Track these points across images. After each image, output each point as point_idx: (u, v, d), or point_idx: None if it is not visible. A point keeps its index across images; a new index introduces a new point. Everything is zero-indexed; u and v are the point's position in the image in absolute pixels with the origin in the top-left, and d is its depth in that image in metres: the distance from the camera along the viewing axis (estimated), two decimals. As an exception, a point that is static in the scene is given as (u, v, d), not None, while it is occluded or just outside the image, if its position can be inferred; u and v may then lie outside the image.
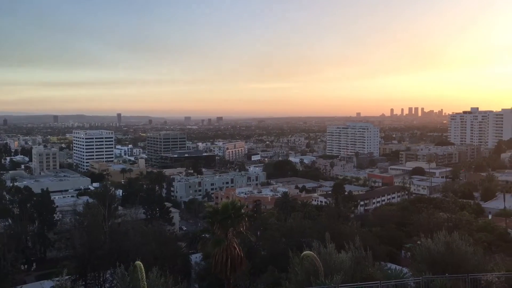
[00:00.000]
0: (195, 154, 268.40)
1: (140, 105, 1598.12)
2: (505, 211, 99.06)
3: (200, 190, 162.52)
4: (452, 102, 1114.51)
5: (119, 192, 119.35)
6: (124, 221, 67.92)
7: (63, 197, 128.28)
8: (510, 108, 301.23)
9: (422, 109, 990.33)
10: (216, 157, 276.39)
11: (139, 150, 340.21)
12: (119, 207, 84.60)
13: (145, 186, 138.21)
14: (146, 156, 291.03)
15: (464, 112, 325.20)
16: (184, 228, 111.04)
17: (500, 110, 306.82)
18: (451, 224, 54.85)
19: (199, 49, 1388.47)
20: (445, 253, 23.30)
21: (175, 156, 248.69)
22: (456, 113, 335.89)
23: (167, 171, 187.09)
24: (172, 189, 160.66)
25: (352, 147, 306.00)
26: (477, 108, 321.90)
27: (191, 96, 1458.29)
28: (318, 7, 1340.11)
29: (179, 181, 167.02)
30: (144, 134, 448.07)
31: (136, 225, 59.99)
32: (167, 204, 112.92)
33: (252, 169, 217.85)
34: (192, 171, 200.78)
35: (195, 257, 55.59)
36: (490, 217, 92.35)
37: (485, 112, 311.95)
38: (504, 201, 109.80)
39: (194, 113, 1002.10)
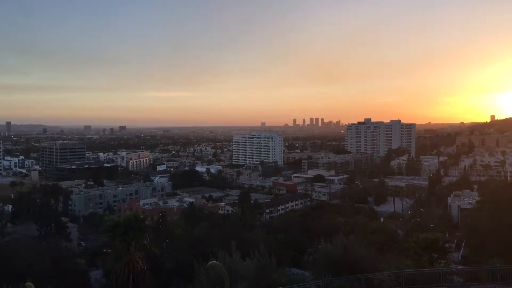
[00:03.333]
0: (96, 165, 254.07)
1: (32, 113, 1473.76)
2: (395, 214, 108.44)
3: (101, 203, 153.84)
4: (348, 113, 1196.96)
5: (8, 207, 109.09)
6: (14, 239, 61.88)
7: None
8: (397, 119, 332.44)
9: (322, 119, 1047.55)
10: (119, 168, 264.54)
11: (32, 161, 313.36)
12: (8, 224, 76.89)
13: (38, 200, 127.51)
14: (40, 168, 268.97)
15: (359, 123, 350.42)
16: (83, 244, 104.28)
17: (389, 121, 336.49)
18: (348, 228, 58.26)
19: (100, 56, 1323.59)
20: (343, 256, 24.76)
21: (73, 167, 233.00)
22: (352, 124, 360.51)
23: (64, 184, 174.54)
24: (70, 202, 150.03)
25: (257, 156, 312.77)
26: (370, 119, 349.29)
27: (92, 104, 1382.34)
28: (223, 18, 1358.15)
29: (78, 194, 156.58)
30: (37, 144, 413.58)
31: (28, 243, 54.92)
32: (64, 219, 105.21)
33: (157, 179, 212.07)
34: (92, 183, 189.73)
35: (95, 274, 52.34)
36: (382, 219, 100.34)
37: (377, 123, 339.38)
38: (394, 204, 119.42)
39: (95, 122, 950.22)
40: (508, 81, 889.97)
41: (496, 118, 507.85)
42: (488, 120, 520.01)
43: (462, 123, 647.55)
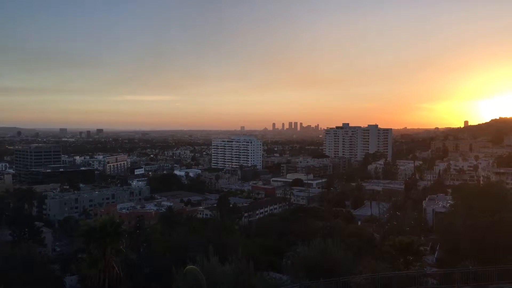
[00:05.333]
0: (72, 168, 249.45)
1: (6, 116, 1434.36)
2: (372, 217, 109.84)
3: (77, 207, 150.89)
4: (327, 118, 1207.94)
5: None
6: (-16, 245, 60.05)
7: None
8: (374, 124, 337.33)
9: (301, 124, 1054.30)
10: (96, 172, 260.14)
11: (5, 165, 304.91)
12: (-21, 230, 74.70)
13: (12, 204, 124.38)
14: (14, 172, 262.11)
15: (337, 127, 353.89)
16: (58, 249, 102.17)
17: (366, 126, 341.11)
18: (326, 231, 58.71)
19: (78, 57, 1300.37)
20: (320, 259, 24.96)
21: (48, 171, 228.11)
22: (330, 128, 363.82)
23: (38, 188, 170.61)
24: (44, 207, 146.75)
25: (236, 160, 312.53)
26: (348, 124, 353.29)
27: (68, 106, 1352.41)
28: (203, 22, 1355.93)
29: (53, 198, 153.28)
30: (11, 147, 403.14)
31: (1, 249, 53.50)
32: (38, 223, 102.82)
33: (135, 183, 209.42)
34: (68, 187, 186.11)
35: (70, 280, 51.36)
36: (359, 223, 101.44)
37: (354, 127, 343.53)
38: (371, 208, 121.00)
39: (71, 124, 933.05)
40: (481, 88, 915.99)
41: (470, 123, 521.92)
42: (462, 125, 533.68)
43: (437, 128, 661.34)
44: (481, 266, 28.47)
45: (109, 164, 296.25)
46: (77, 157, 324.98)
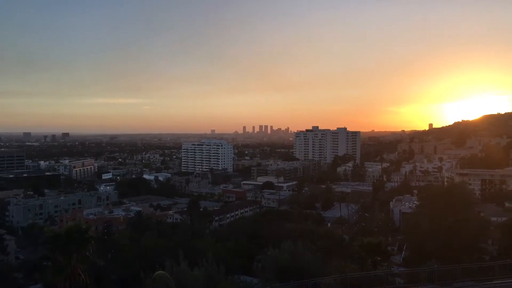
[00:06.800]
0: (36, 173, 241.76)
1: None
2: (341, 219, 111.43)
3: (41, 214, 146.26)
4: (297, 121, 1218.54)
5: None
6: None
7: None
8: (343, 127, 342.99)
9: (271, 127, 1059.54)
10: (62, 177, 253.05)
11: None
12: None
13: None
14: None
15: (307, 130, 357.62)
16: (22, 257, 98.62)
17: (336, 129, 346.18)
18: (296, 234, 59.13)
19: (43, 59, 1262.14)
20: (291, 262, 25.11)
21: (11, 176, 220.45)
22: (300, 131, 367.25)
23: (0, 194, 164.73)
24: (7, 213, 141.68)
25: (207, 163, 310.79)
26: (318, 127, 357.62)
27: (32, 110, 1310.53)
28: (173, 25, 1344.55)
29: (16, 204, 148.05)
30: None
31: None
32: (0, 231, 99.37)
33: (102, 188, 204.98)
34: (32, 193, 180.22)
35: (35, 289, 49.71)
36: (329, 225, 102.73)
37: (324, 130, 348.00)
38: (340, 210, 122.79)
39: (36, 128, 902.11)
40: (445, 92, 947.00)
41: (434, 126, 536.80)
42: (427, 128, 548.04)
43: (403, 131, 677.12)
44: (446, 265, 29.34)
45: (75, 169, 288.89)
46: (42, 162, 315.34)
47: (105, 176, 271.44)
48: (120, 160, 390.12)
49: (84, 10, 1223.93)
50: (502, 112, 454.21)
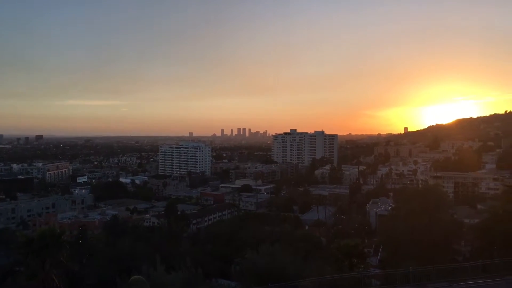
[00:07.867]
0: (8, 177, 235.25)
1: None
2: (319, 222, 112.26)
3: (14, 218, 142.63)
4: (275, 124, 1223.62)
5: None
6: None
7: None
8: (321, 130, 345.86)
9: (250, 130, 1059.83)
10: (35, 180, 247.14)
11: None
12: None
13: None
14: None
15: (285, 133, 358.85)
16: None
17: (313, 132, 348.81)
18: (274, 236, 59.25)
19: (16, 59, 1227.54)
20: (269, 264, 25.12)
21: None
22: (278, 134, 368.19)
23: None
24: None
25: (185, 166, 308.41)
26: (296, 130, 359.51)
27: (4, 111, 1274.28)
28: (151, 27, 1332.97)
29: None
30: None
31: None
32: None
33: (77, 191, 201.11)
34: (4, 197, 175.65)
35: (6, 296, 48.33)
36: (307, 227, 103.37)
37: (302, 133, 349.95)
38: (318, 212, 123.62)
39: (8, 131, 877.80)
40: (420, 96, 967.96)
41: (409, 130, 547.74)
42: (402, 131, 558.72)
43: (379, 134, 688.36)
44: (421, 266, 29.86)
45: (49, 172, 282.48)
46: (14, 165, 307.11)
47: (80, 180, 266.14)
48: (95, 163, 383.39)
49: (59, 10, 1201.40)
50: (474, 116, 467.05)
